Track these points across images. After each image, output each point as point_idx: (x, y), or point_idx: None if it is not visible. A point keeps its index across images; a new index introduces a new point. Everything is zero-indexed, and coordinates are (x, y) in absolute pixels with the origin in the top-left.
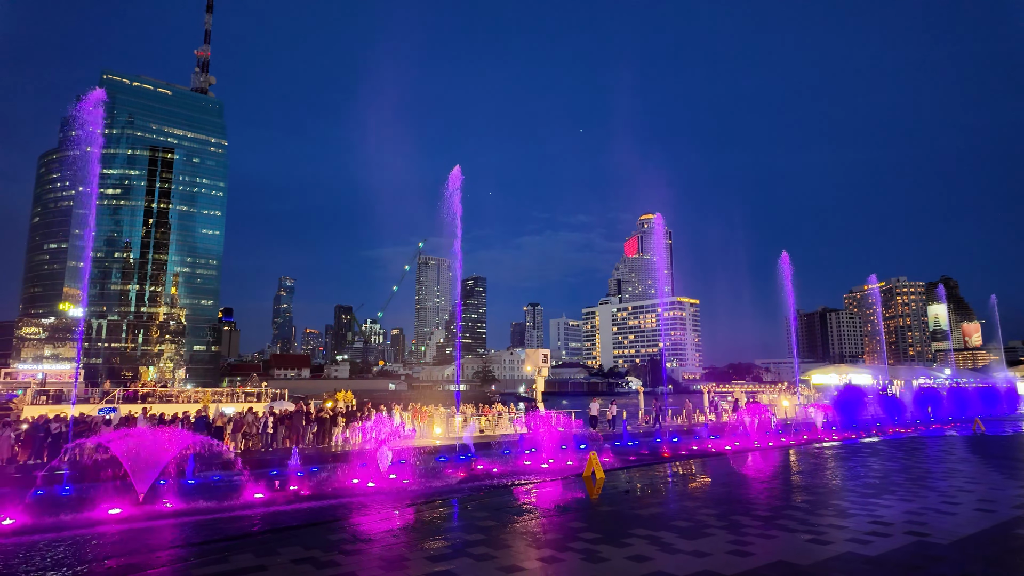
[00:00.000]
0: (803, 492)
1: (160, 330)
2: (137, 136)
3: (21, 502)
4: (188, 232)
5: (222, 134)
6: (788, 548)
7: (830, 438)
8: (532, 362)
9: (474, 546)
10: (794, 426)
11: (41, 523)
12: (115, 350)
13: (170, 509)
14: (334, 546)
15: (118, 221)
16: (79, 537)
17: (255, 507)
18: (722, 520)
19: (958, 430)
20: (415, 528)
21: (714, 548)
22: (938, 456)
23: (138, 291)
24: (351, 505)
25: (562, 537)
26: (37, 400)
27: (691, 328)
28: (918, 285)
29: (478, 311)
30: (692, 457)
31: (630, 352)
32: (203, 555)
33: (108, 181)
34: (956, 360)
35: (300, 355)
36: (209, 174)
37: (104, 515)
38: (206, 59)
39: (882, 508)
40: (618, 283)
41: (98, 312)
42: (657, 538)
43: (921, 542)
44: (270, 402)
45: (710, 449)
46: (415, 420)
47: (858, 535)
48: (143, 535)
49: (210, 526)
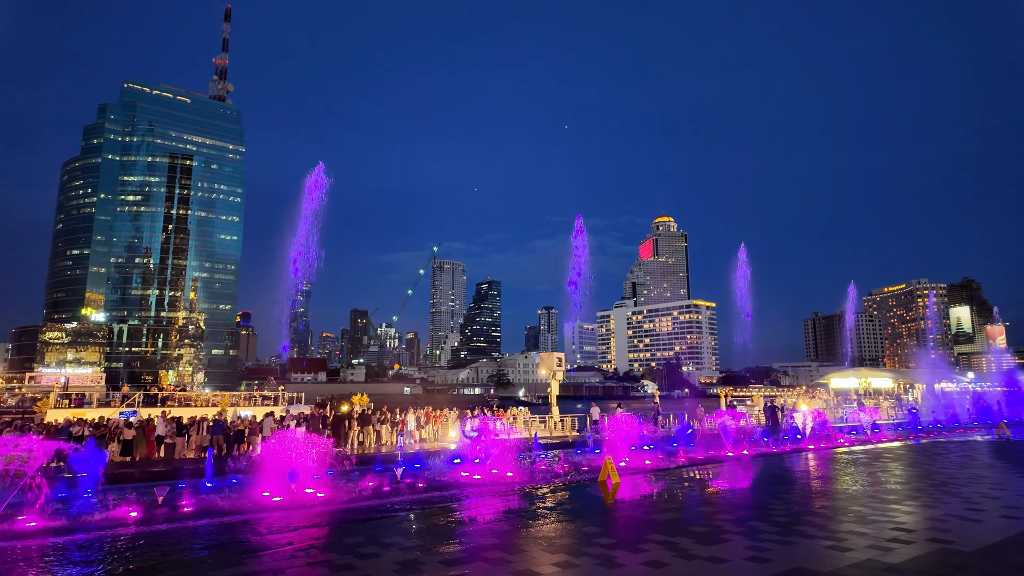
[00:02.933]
0: (822, 498)
1: (179, 334)
2: (157, 143)
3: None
4: (207, 237)
5: (240, 141)
6: (807, 555)
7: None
8: (547, 365)
9: (489, 550)
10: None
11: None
12: (135, 354)
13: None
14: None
15: (139, 227)
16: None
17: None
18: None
19: (982, 435)
20: (431, 531)
21: (732, 554)
22: (961, 462)
23: (158, 296)
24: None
25: (577, 542)
26: (60, 404)
27: (707, 331)
28: (940, 287)
29: (492, 315)
30: (709, 462)
31: (645, 356)
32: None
33: (129, 188)
34: (980, 363)
35: (317, 359)
36: (227, 180)
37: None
38: (224, 67)
39: (903, 515)
40: (633, 286)
41: (119, 317)
42: (674, 543)
43: (945, 549)
44: (287, 405)
45: (728, 455)
46: (429, 423)
47: (879, 542)
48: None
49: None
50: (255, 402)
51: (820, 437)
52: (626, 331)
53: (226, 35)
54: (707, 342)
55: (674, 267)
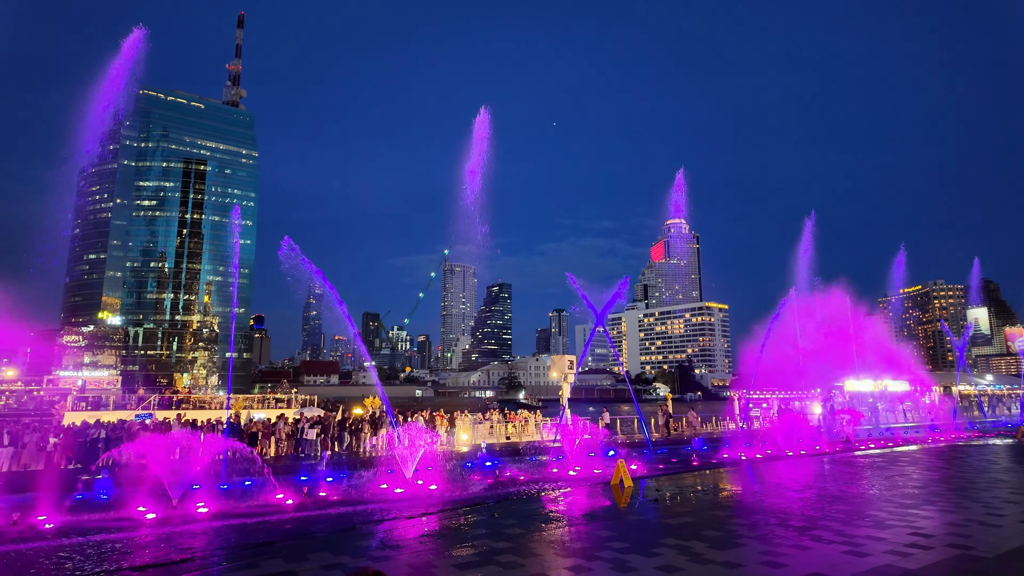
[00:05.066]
0: (840, 501)
1: (194, 337)
2: (172, 149)
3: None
4: (220, 242)
5: (253, 146)
6: (823, 559)
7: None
8: (558, 368)
9: (502, 554)
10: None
11: (81, 525)
12: (151, 357)
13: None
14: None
15: (154, 232)
16: (114, 540)
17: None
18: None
19: (1001, 438)
20: (442, 535)
21: (747, 559)
22: (980, 466)
23: (172, 300)
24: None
25: (590, 546)
26: (77, 406)
27: (720, 334)
28: (956, 288)
29: (503, 317)
30: (723, 465)
31: (657, 358)
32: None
33: (144, 193)
34: (999, 366)
35: (329, 362)
36: (240, 185)
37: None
38: (237, 73)
39: (922, 519)
40: (644, 288)
41: (135, 320)
42: (687, 548)
43: (964, 555)
44: (300, 408)
45: (741, 457)
46: (441, 426)
47: (897, 547)
48: (177, 539)
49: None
50: (268, 404)
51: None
52: (637, 333)
53: (239, 41)
54: (720, 344)
55: (686, 269)
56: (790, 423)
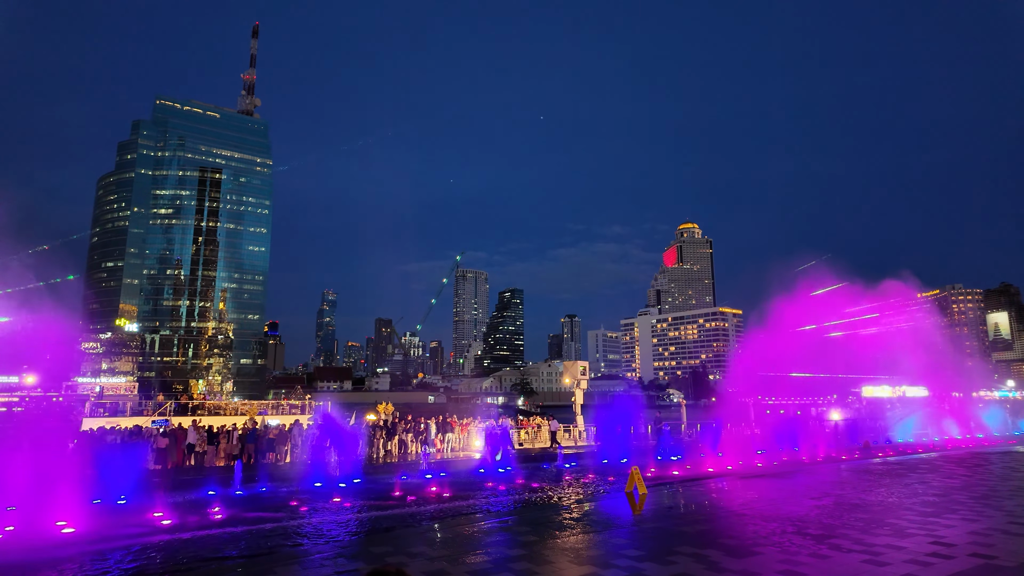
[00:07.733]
0: (857, 509)
1: (209, 344)
2: (188, 158)
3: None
4: (235, 249)
5: (267, 154)
6: (842, 568)
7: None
8: (570, 374)
9: (515, 561)
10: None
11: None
12: (167, 364)
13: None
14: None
15: (170, 240)
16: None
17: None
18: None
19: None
20: (451, 543)
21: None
22: (1003, 473)
23: (188, 306)
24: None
25: (604, 554)
26: (95, 412)
27: (734, 339)
28: (976, 292)
29: (515, 323)
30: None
31: (671, 364)
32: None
33: (161, 202)
34: (1020, 371)
35: (342, 367)
36: (255, 193)
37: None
38: (252, 82)
39: (943, 528)
40: (657, 294)
41: (151, 327)
42: (704, 556)
43: (987, 565)
44: (314, 414)
45: (757, 466)
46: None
47: (918, 556)
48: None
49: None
50: (283, 410)
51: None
52: (651, 339)
53: (254, 51)
54: (734, 350)
55: (699, 274)
56: (805, 429)
